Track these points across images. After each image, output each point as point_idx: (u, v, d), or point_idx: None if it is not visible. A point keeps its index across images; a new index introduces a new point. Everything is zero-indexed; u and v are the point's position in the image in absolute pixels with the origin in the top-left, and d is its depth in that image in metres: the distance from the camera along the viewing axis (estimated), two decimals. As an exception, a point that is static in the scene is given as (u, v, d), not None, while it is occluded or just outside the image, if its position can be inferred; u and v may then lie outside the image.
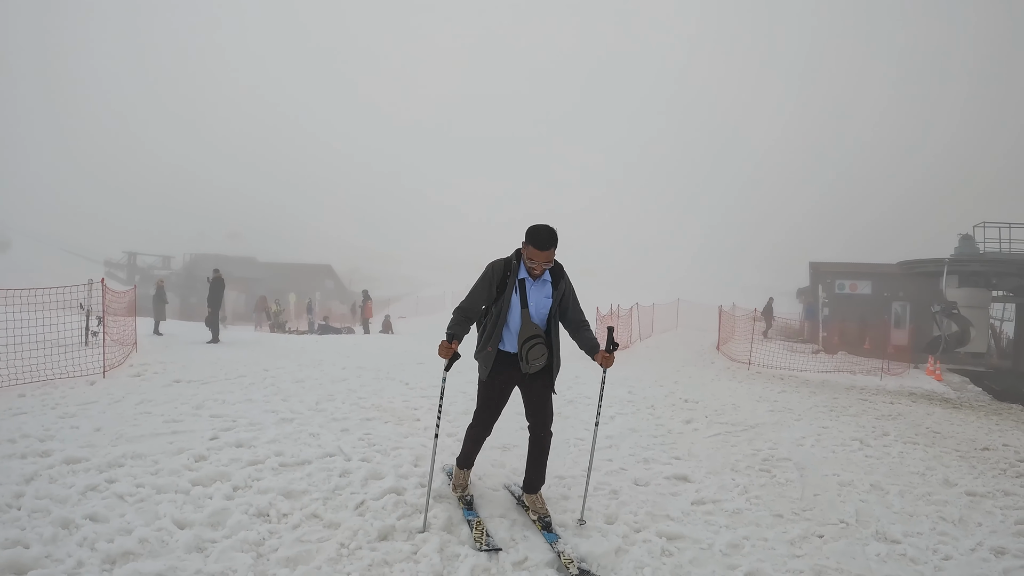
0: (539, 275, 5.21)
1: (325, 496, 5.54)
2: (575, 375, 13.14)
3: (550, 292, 5.29)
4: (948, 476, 7.90)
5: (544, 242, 5.03)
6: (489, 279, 5.28)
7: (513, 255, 5.31)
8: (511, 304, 5.23)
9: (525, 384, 5.36)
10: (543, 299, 5.28)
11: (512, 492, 5.94)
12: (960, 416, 13.67)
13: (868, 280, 34.87)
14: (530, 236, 5.07)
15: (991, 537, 5.99)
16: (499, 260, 5.35)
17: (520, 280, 5.23)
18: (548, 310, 5.31)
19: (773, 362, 20.71)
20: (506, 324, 5.27)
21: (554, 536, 5.14)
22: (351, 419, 8.47)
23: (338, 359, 15.27)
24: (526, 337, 5.15)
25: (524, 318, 5.18)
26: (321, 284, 60.48)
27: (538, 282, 5.26)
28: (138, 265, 59.25)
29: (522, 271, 5.24)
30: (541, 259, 5.06)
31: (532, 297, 5.24)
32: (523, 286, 5.23)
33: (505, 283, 5.25)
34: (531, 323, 5.19)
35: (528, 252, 5.09)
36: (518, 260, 5.26)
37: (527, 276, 5.24)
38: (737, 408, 11.82)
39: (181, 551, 4.45)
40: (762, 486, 7.01)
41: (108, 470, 5.75)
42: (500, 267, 5.29)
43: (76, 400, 8.76)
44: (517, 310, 5.21)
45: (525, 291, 5.23)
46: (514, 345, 5.26)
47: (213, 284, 20.16)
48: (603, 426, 9.11)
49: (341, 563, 4.50)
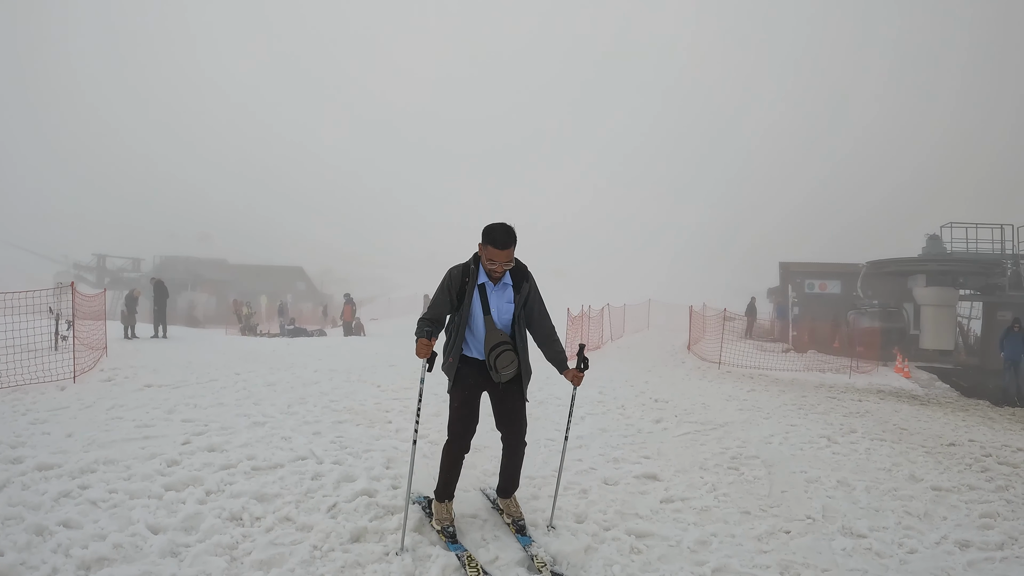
0: (499, 277, 4.97)
1: (298, 499, 5.57)
2: (546, 376, 13.14)
3: (512, 297, 5.05)
4: (914, 472, 8.00)
5: (502, 240, 4.77)
6: (447, 287, 5.01)
7: (471, 259, 5.06)
8: (471, 311, 4.99)
9: (495, 392, 5.14)
10: (505, 304, 5.05)
11: (487, 495, 5.90)
12: (927, 412, 13.84)
13: (837, 280, 35.20)
14: (487, 235, 4.82)
15: (956, 531, 6.09)
16: (456, 266, 5.08)
17: (480, 285, 4.98)
18: (511, 315, 5.07)
19: (743, 361, 20.83)
20: (469, 330, 5.04)
21: (528, 539, 5.11)
22: (323, 422, 8.50)
23: (310, 361, 15.26)
24: (492, 344, 4.94)
25: (488, 325, 4.96)
26: (292, 286, 60.13)
27: (499, 286, 5.03)
28: (107, 268, 58.60)
29: (481, 275, 4.98)
30: (501, 258, 4.80)
31: (493, 303, 5.01)
32: (484, 291, 4.99)
33: (464, 289, 4.98)
34: (496, 330, 4.97)
35: (487, 253, 4.83)
36: (476, 264, 5.00)
37: (487, 280, 4.99)
38: (707, 407, 11.91)
39: (155, 556, 4.46)
40: (730, 484, 7.10)
41: (81, 476, 5.76)
42: (458, 273, 5.01)
43: (47, 406, 8.73)
44: (480, 317, 4.98)
45: (486, 296, 4.99)
46: (479, 351, 5.04)
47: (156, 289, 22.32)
48: (573, 427, 9.18)
49: (314, 565, 4.53)
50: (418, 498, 5.68)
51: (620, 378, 15.24)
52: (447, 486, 5.22)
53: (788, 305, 34.39)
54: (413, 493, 5.80)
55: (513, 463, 5.25)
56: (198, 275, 55.85)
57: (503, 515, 5.44)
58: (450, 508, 5.26)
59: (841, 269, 35.74)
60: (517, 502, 5.44)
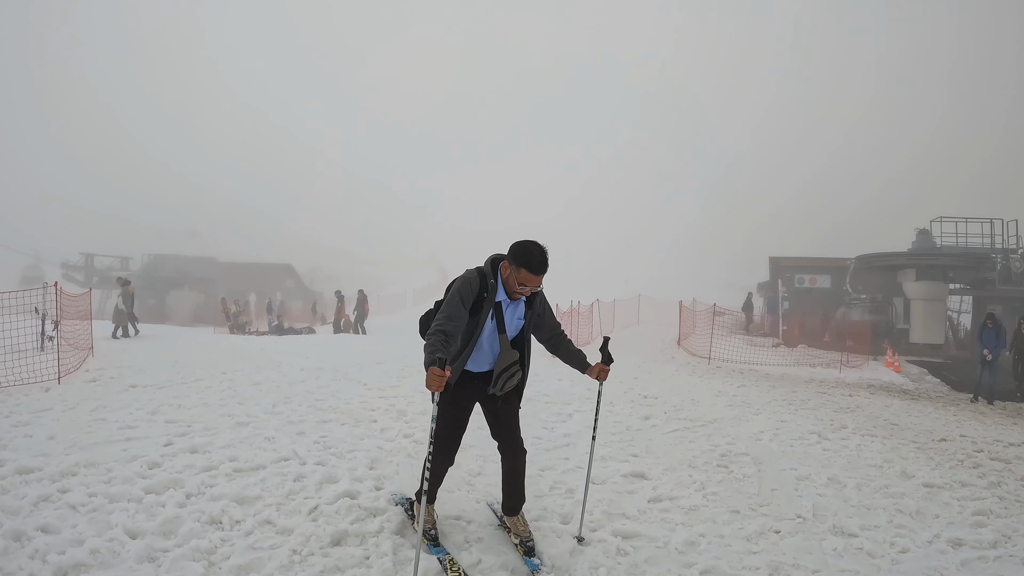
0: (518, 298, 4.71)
1: (279, 501, 5.50)
2: (534, 372, 13.10)
3: (524, 313, 4.80)
4: (906, 468, 7.99)
5: (539, 266, 4.46)
6: (465, 298, 4.56)
7: (488, 268, 4.66)
8: (485, 329, 4.66)
9: (490, 402, 4.91)
10: (516, 320, 4.79)
11: (494, 511, 5.64)
12: (918, 407, 13.87)
13: (827, 274, 35.25)
14: (521, 257, 4.47)
15: (948, 529, 6.05)
16: (472, 274, 4.65)
17: (497, 303, 4.67)
18: (520, 330, 4.84)
19: (733, 356, 20.84)
20: (478, 346, 4.71)
21: (536, 564, 4.80)
22: (307, 421, 8.41)
23: (297, 360, 15.15)
24: (505, 366, 4.71)
25: (503, 344, 4.70)
26: (282, 284, 59.94)
27: (514, 303, 4.75)
28: (95, 267, 58.34)
29: (500, 292, 4.64)
30: (534, 283, 4.51)
31: (507, 319, 4.73)
32: (499, 310, 4.69)
33: (480, 302, 4.60)
34: (511, 350, 4.73)
35: (519, 276, 4.48)
36: (496, 278, 4.63)
37: (504, 298, 4.68)
38: (696, 403, 11.89)
39: (132, 561, 4.40)
40: (719, 482, 7.05)
41: (61, 479, 5.67)
42: (476, 284, 4.59)
43: (30, 408, 8.62)
44: (493, 335, 4.70)
45: (502, 314, 4.70)
46: (482, 366, 4.77)
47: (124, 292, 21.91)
48: (560, 424, 9.16)
49: (293, 570, 4.46)
50: (400, 500, 5.61)
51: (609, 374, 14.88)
52: (432, 492, 5.05)
53: (778, 300, 34.41)
54: (395, 494, 5.77)
55: (516, 475, 5.01)
56: (187, 273, 55.59)
57: (510, 534, 5.14)
58: (432, 511, 5.12)
59: (831, 264, 35.78)
60: (525, 520, 5.15)
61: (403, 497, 5.66)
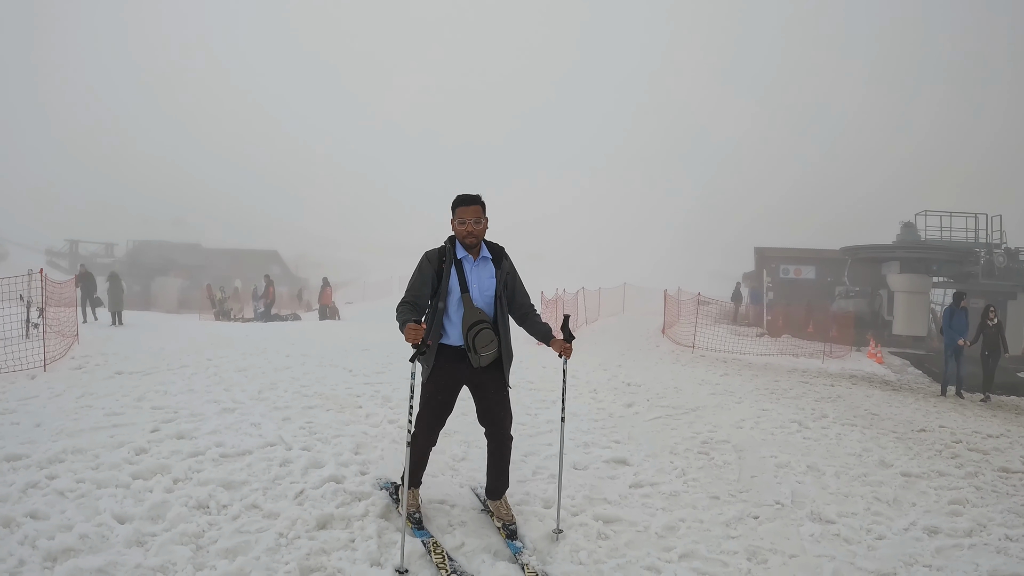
0: (475, 243, 4.84)
1: (265, 486, 5.54)
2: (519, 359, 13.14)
3: (493, 272, 4.91)
4: (884, 457, 8.05)
5: (466, 197, 4.81)
6: (424, 270, 4.83)
7: (447, 240, 4.96)
8: (449, 291, 4.79)
9: (476, 384, 4.95)
10: (487, 279, 4.88)
11: (477, 495, 5.71)
12: (899, 398, 13.99)
13: (812, 265, 35.46)
14: (454, 202, 4.84)
15: (924, 517, 6.10)
16: (432, 249, 4.94)
17: (458, 260, 4.85)
18: (493, 291, 4.89)
19: (717, 345, 20.97)
20: (447, 315, 4.82)
21: (518, 547, 4.86)
22: (293, 407, 8.45)
23: (282, 346, 15.17)
24: (471, 323, 4.70)
25: (466, 303, 4.75)
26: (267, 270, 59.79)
27: (479, 262, 4.88)
28: (80, 253, 58.01)
29: (459, 251, 4.87)
30: (469, 215, 4.76)
31: (473, 278, 4.84)
32: (461, 267, 4.83)
33: (442, 269, 4.81)
34: (474, 307, 4.75)
35: (456, 216, 4.82)
36: (453, 243, 4.89)
37: (466, 255, 4.86)
38: (679, 391, 11.98)
39: (121, 546, 4.42)
40: (700, 468, 7.13)
41: (49, 466, 5.68)
42: (435, 254, 4.87)
43: (16, 395, 8.63)
44: (457, 294, 4.79)
45: (463, 272, 4.83)
46: (458, 337, 4.80)
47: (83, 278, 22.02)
48: (544, 411, 9.21)
49: (279, 553, 4.50)
50: (385, 484, 5.66)
51: (593, 362, 15.24)
52: (415, 476, 5.10)
53: (763, 290, 34.59)
54: (380, 479, 5.81)
55: (500, 461, 5.09)
56: (172, 260, 55.39)
57: (493, 518, 5.22)
58: (416, 495, 5.17)
59: (816, 255, 36.03)
60: (508, 504, 5.23)
61: (388, 481, 5.72)
